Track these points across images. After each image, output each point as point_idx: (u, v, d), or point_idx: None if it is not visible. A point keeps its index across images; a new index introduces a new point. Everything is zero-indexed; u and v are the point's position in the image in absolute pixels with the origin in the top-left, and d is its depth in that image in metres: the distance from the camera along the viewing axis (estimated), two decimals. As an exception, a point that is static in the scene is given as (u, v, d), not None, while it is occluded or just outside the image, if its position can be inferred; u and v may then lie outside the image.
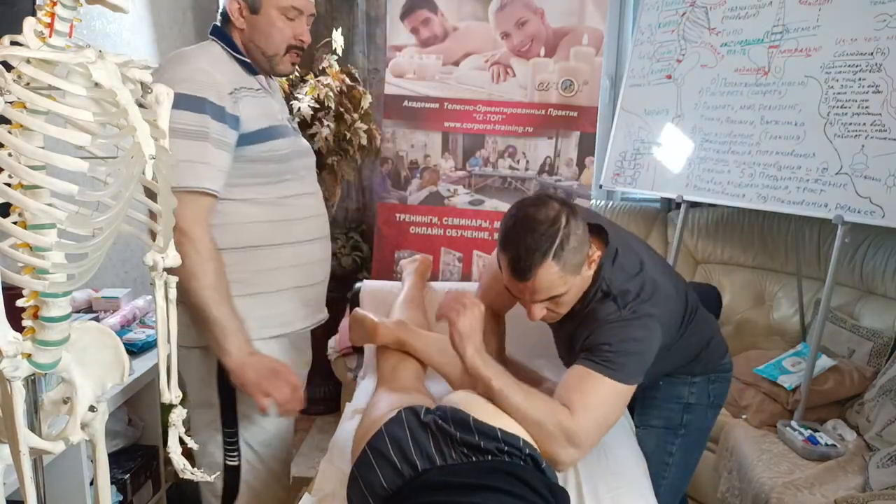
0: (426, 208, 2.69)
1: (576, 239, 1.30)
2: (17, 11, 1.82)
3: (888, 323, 2.36)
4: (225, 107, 1.41)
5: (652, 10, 2.86)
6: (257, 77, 1.56)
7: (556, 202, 1.34)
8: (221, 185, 1.44)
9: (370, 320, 1.78)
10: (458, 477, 1.21)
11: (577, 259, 1.33)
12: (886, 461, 1.90)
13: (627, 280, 1.41)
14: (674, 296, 1.50)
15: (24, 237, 0.87)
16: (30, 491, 0.93)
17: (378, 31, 3.25)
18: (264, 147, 1.49)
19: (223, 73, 1.45)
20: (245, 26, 1.51)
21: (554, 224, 1.29)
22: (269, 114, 1.54)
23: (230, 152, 1.44)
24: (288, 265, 1.58)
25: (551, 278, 1.30)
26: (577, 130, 2.64)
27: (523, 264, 1.29)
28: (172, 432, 1.15)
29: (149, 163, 0.88)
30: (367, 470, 1.26)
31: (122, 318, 2.08)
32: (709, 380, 1.67)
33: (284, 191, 1.56)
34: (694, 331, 1.58)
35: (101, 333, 1.07)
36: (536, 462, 1.27)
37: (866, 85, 2.11)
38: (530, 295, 1.34)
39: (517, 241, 1.30)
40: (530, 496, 1.17)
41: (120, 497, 1.92)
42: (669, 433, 1.67)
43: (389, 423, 1.32)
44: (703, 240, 3.00)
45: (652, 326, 1.38)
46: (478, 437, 1.25)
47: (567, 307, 1.41)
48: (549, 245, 1.28)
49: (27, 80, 0.84)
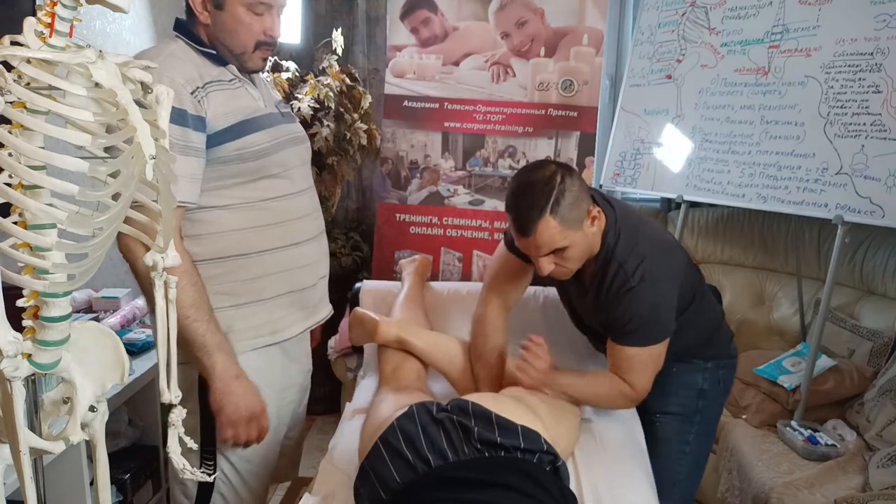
0: (426, 208, 2.69)
1: (571, 195, 1.42)
2: (17, 11, 1.82)
3: (888, 323, 2.36)
4: (186, 109, 1.32)
5: (652, 10, 2.86)
6: (228, 67, 1.45)
7: (553, 164, 1.47)
8: (193, 192, 1.36)
9: (371, 319, 1.78)
10: (471, 472, 1.21)
11: (576, 214, 1.44)
12: (886, 461, 1.90)
13: (631, 244, 1.50)
14: (681, 259, 1.60)
15: (24, 237, 0.87)
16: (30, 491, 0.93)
17: (378, 31, 3.25)
18: (238, 144, 1.40)
19: (183, 71, 1.34)
20: (209, 21, 1.40)
21: (549, 183, 1.42)
22: (244, 106, 1.44)
23: (199, 156, 1.35)
24: (278, 271, 1.50)
25: (551, 232, 1.41)
26: (577, 130, 2.64)
27: (524, 220, 1.42)
28: (172, 432, 1.15)
29: (149, 163, 0.88)
30: (380, 464, 1.27)
31: (122, 318, 2.08)
32: (718, 365, 1.74)
33: (268, 191, 1.47)
34: (705, 307, 1.69)
35: (101, 333, 1.06)
36: (554, 459, 1.29)
37: (866, 85, 2.11)
38: (535, 250, 1.46)
39: (517, 201, 1.44)
40: (541, 495, 1.18)
41: (120, 497, 1.92)
42: (686, 420, 1.74)
43: (401, 417, 1.33)
44: (703, 240, 3.00)
45: (663, 285, 1.51)
46: (497, 431, 1.27)
47: (575, 262, 1.50)
48: (545, 201, 1.40)
49: (27, 80, 0.84)
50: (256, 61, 1.47)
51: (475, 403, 1.34)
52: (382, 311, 1.98)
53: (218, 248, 1.44)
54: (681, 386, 1.71)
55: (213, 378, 1.38)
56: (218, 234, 1.44)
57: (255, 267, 1.47)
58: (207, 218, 1.42)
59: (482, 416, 1.30)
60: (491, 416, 1.30)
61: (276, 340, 1.53)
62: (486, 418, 1.30)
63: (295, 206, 1.53)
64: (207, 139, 1.36)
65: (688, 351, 1.68)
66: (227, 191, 1.43)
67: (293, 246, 1.52)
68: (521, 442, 1.27)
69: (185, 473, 1.17)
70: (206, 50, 1.43)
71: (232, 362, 1.40)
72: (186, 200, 1.35)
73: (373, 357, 1.94)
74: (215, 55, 1.44)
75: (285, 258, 1.51)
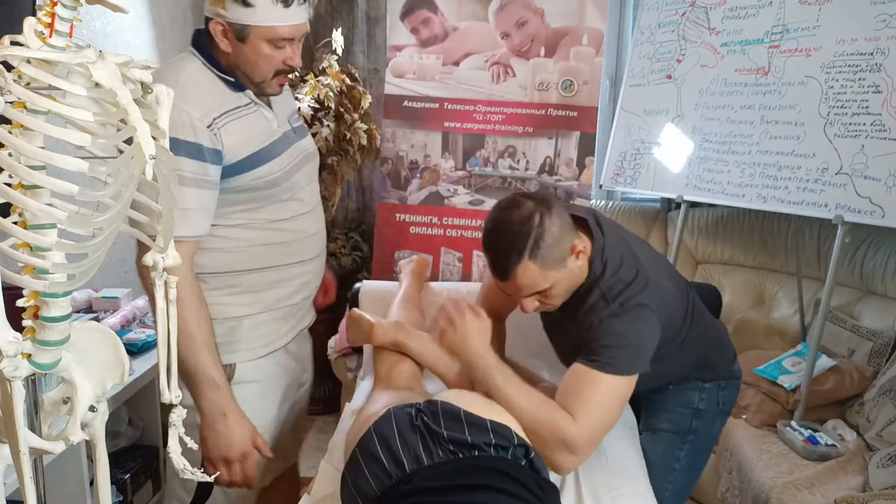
0: (426, 208, 2.69)
1: (551, 236, 1.32)
2: (17, 11, 1.82)
3: (888, 323, 2.36)
4: (202, 143, 1.33)
5: (652, 10, 2.86)
6: (245, 92, 1.45)
7: (531, 201, 1.35)
8: (205, 225, 1.38)
9: (367, 321, 1.78)
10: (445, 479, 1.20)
11: (557, 254, 1.33)
12: (886, 461, 1.90)
13: (615, 272, 1.40)
14: (670, 288, 1.49)
15: (24, 237, 0.87)
16: (30, 491, 0.93)
17: (378, 31, 3.26)
18: (252, 175, 1.42)
19: (200, 102, 1.34)
20: (230, 50, 1.39)
21: (526, 224, 1.31)
22: (259, 133, 1.45)
23: (213, 188, 1.38)
24: (277, 287, 1.54)
25: (531, 275, 1.32)
26: (577, 130, 2.64)
27: (502, 265, 1.33)
28: (172, 432, 1.14)
29: (149, 163, 0.88)
30: (357, 474, 1.25)
31: (122, 318, 2.08)
32: (719, 386, 1.67)
33: (278, 213, 1.49)
34: (700, 331, 1.57)
35: (101, 333, 1.06)
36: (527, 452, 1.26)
37: (866, 85, 2.11)
38: (515, 292, 1.38)
39: (494, 244, 1.34)
40: (518, 491, 1.17)
41: (120, 497, 1.92)
42: (678, 438, 1.66)
43: (378, 421, 1.31)
44: (703, 240, 3.00)
45: (644, 316, 1.37)
46: (468, 429, 1.25)
47: (559, 298, 1.42)
48: (523, 245, 1.30)
49: (27, 80, 0.84)
50: (274, 87, 1.47)
51: (444, 402, 1.31)
52: (382, 311, 1.97)
53: (222, 263, 1.47)
54: (675, 403, 1.65)
55: (201, 413, 1.40)
56: (228, 251, 1.46)
57: (263, 281, 1.51)
58: (220, 234, 1.44)
59: (451, 414, 1.27)
60: (460, 413, 1.27)
61: (268, 351, 1.58)
62: (454, 416, 1.27)
63: (302, 226, 1.56)
64: (222, 170, 1.38)
65: (681, 375, 1.63)
66: (236, 214, 1.45)
67: (295, 265, 1.56)
68: (491, 438, 1.25)
69: (186, 474, 1.17)
70: (224, 77, 1.42)
71: (222, 398, 1.39)
72: (199, 234, 1.37)
73: (371, 357, 1.94)
74: (233, 82, 1.43)
75: (286, 276, 1.55)
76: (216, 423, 1.38)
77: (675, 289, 1.51)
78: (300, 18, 1.39)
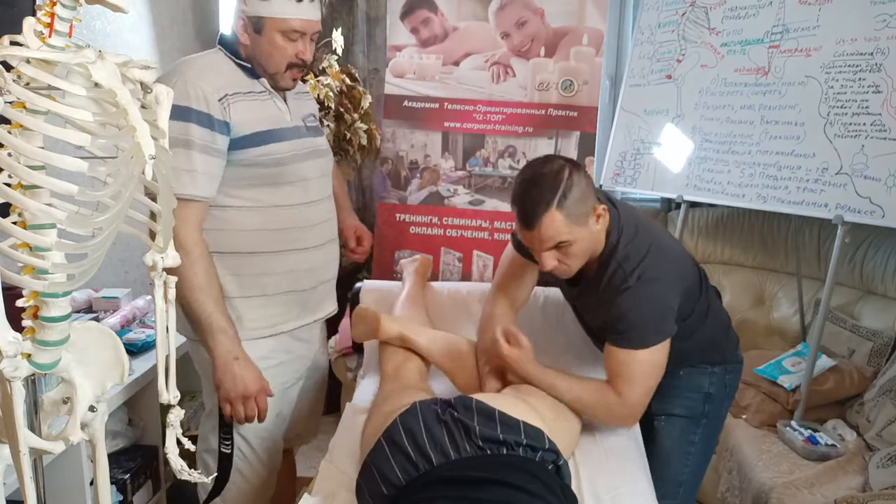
0: (426, 208, 2.69)
1: (578, 191, 1.42)
2: (17, 11, 1.82)
3: (888, 323, 2.36)
4: (212, 114, 1.46)
5: (652, 10, 2.86)
6: (260, 80, 1.59)
7: (562, 159, 1.48)
8: (210, 189, 1.49)
9: (373, 314, 1.78)
10: (472, 471, 1.22)
11: (581, 210, 1.44)
12: (886, 461, 1.90)
13: (630, 241, 1.51)
14: (683, 257, 1.61)
15: (23, 237, 0.87)
16: (30, 491, 0.93)
17: (378, 31, 3.25)
18: (259, 150, 1.53)
19: (214, 80, 1.49)
20: (249, 42, 1.55)
21: (557, 176, 1.42)
22: (270, 117, 1.57)
23: (220, 157, 1.49)
24: (281, 271, 1.61)
25: (556, 226, 1.42)
26: (577, 130, 2.64)
27: (530, 213, 1.43)
28: (170, 433, 1.15)
29: (149, 163, 0.88)
30: (382, 461, 1.28)
31: (122, 318, 2.08)
32: (726, 370, 1.74)
33: (281, 198, 1.58)
34: (713, 309, 1.68)
35: (101, 333, 1.07)
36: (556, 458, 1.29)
37: (866, 85, 2.11)
38: (539, 243, 1.46)
39: (524, 194, 1.45)
40: (541, 491, 1.18)
41: (120, 497, 1.92)
42: (692, 423, 1.72)
43: (404, 414, 1.34)
44: (703, 240, 2.99)
45: (660, 286, 1.49)
46: (500, 428, 1.28)
47: (577, 260, 1.50)
48: (552, 195, 1.41)
49: (27, 80, 0.85)
50: (287, 80, 1.60)
51: (479, 400, 1.36)
52: (383, 310, 1.97)
53: (227, 244, 1.55)
54: (687, 388, 1.70)
55: (214, 357, 1.50)
56: (229, 232, 1.55)
57: (259, 265, 1.58)
58: (222, 216, 1.54)
59: (485, 412, 1.31)
60: (494, 412, 1.31)
61: (274, 332, 1.64)
62: (488, 415, 1.31)
63: (307, 214, 1.63)
64: (230, 143, 1.50)
65: (695, 356, 1.67)
66: (242, 192, 1.55)
67: (299, 251, 1.63)
68: (523, 438, 1.28)
69: (183, 475, 1.17)
70: (242, 63, 1.57)
71: (233, 344, 1.50)
72: (204, 195, 1.48)
73: (373, 356, 1.94)
74: (250, 69, 1.58)
75: (290, 261, 1.62)
76: (231, 366, 1.49)
77: (687, 264, 1.62)
78: (311, 14, 1.54)
